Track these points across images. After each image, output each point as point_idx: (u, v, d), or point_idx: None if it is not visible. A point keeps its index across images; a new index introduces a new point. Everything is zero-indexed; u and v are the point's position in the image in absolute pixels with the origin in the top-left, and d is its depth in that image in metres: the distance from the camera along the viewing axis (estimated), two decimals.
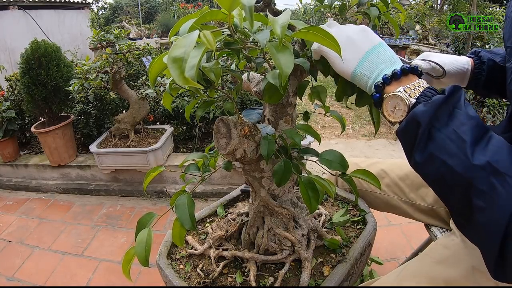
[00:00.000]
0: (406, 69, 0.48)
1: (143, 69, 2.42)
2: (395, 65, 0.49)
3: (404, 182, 0.91)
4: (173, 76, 0.30)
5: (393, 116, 0.47)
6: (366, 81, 0.50)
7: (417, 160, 0.45)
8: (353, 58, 0.50)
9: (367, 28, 0.54)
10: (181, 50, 0.31)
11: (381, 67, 0.49)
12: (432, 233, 0.88)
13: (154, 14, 11.37)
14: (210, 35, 0.34)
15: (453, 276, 0.59)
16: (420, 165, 0.45)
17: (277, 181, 0.57)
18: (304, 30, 0.40)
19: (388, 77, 0.48)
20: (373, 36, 0.52)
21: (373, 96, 0.50)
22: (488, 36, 3.24)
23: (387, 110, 0.48)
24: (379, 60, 0.50)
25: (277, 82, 0.43)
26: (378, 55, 0.50)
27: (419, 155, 0.44)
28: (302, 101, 3.83)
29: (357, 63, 0.50)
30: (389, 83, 0.48)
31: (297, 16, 8.91)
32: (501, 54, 0.73)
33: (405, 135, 0.46)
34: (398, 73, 0.47)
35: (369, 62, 0.50)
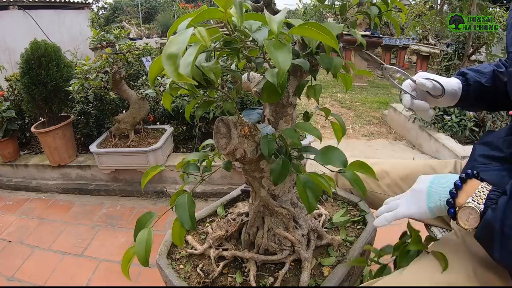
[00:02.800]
0: (464, 178, 0.55)
1: (143, 69, 2.42)
2: (452, 181, 0.57)
3: (405, 182, 0.91)
4: (168, 72, 0.30)
5: (469, 225, 0.53)
6: (440, 205, 0.58)
7: (497, 257, 0.51)
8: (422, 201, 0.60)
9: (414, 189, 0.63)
10: (175, 47, 0.31)
11: (445, 187, 0.57)
12: (432, 233, 0.88)
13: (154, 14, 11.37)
14: (205, 32, 0.34)
15: (454, 276, 0.58)
16: (502, 260, 0.51)
17: (273, 179, 0.56)
18: (301, 26, 0.40)
19: (453, 190, 0.55)
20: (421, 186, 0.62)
21: (449, 212, 0.56)
22: (488, 36, 3.24)
23: (462, 221, 0.54)
24: (439, 187, 0.58)
25: (275, 80, 0.43)
26: (437, 184, 0.59)
27: (497, 252, 0.50)
28: (302, 101, 3.84)
29: (426, 202, 0.59)
30: (456, 195, 0.55)
31: (297, 16, 8.91)
32: (488, 74, 0.77)
33: (483, 238, 0.53)
34: (459, 184, 0.55)
35: (432, 193, 0.58)
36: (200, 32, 0.34)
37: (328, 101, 4.28)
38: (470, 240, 0.66)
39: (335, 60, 0.56)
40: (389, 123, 3.35)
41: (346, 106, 4.04)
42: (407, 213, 0.63)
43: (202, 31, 0.34)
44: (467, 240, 0.67)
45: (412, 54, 6.54)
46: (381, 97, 4.42)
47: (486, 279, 0.58)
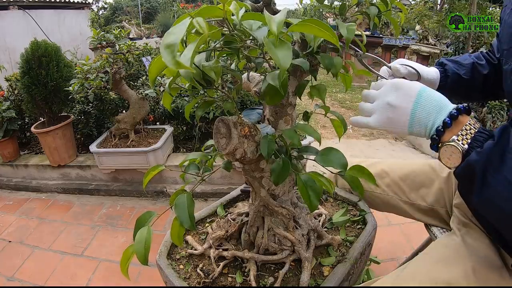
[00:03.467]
0: (455, 114, 0.51)
1: (143, 69, 2.42)
2: (445, 110, 0.53)
3: (405, 182, 0.91)
4: (166, 62, 0.30)
5: (450, 163, 0.52)
6: (423, 135, 0.55)
7: (475, 202, 0.50)
8: (403, 121, 0.55)
9: (399, 82, 0.57)
10: (173, 37, 0.32)
11: (432, 118, 0.53)
12: (432, 233, 0.88)
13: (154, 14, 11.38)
14: (203, 22, 0.34)
15: (454, 276, 0.59)
16: (479, 206, 0.51)
17: (274, 179, 0.56)
18: (301, 22, 0.40)
19: (441, 129, 0.52)
20: (409, 88, 0.55)
21: (431, 147, 0.54)
22: (488, 36, 3.24)
23: (444, 158, 0.52)
24: (427, 112, 0.53)
25: (277, 83, 0.43)
26: (423, 108, 0.54)
27: (476, 198, 0.49)
28: (302, 101, 3.84)
29: (408, 125, 0.54)
30: (443, 133, 0.52)
31: (297, 16, 8.91)
32: (467, 66, 0.79)
33: (462, 179, 0.52)
34: (448, 123, 0.51)
35: (417, 119, 0.54)
36: (198, 22, 0.34)
37: (328, 101, 4.28)
38: (470, 240, 0.67)
39: (336, 60, 0.56)
40: None
41: (346, 106, 4.04)
42: (381, 126, 0.58)
43: (200, 21, 0.34)
44: (467, 239, 0.67)
45: (412, 54, 6.53)
46: None
47: (485, 278, 0.58)
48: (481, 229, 0.68)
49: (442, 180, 0.86)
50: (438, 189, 0.86)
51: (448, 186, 0.85)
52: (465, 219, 0.71)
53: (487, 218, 0.52)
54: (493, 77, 0.77)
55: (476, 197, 0.49)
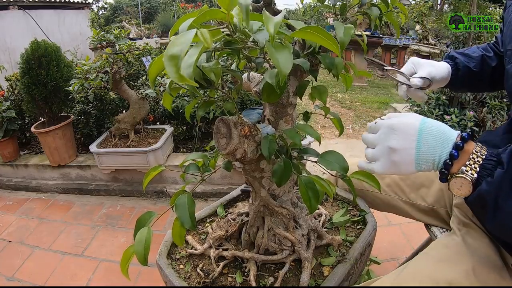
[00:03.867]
0: (461, 145, 0.51)
1: (143, 69, 2.42)
2: (449, 141, 0.52)
3: (405, 182, 0.91)
4: (169, 74, 0.30)
5: (461, 193, 0.52)
6: (431, 170, 0.54)
7: (489, 228, 0.53)
8: (408, 162, 0.54)
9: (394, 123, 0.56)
10: (178, 48, 0.31)
11: (438, 151, 0.52)
12: (432, 233, 0.88)
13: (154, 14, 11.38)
14: (207, 33, 0.34)
15: (454, 276, 0.59)
16: (493, 231, 0.53)
17: (276, 180, 0.57)
18: (303, 29, 0.40)
19: (448, 162, 0.51)
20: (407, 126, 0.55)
21: (441, 180, 0.54)
22: (488, 36, 3.23)
23: (454, 188, 0.52)
24: (431, 148, 0.53)
25: (274, 81, 0.43)
26: (427, 144, 0.53)
27: (490, 223, 0.51)
28: (302, 101, 3.84)
29: (414, 164, 0.54)
30: (451, 166, 0.51)
31: (297, 16, 8.92)
32: (476, 58, 0.80)
33: (475, 207, 0.53)
34: (455, 155, 0.51)
35: (423, 157, 0.53)
36: (202, 34, 0.34)
37: (328, 101, 4.28)
38: (470, 240, 0.66)
39: (336, 60, 0.56)
40: None
41: (346, 106, 4.04)
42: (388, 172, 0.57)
43: (205, 33, 0.34)
44: (467, 239, 0.67)
45: (412, 54, 6.53)
46: (381, 97, 4.43)
47: (486, 278, 0.58)
48: (481, 229, 0.68)
49: None
50: (438, 189, 0.86)
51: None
52: (465, 219, 0.71)
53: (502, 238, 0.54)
54: (501, 69, 0.77)
55: (489, 222, 0.50)
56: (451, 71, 0.78)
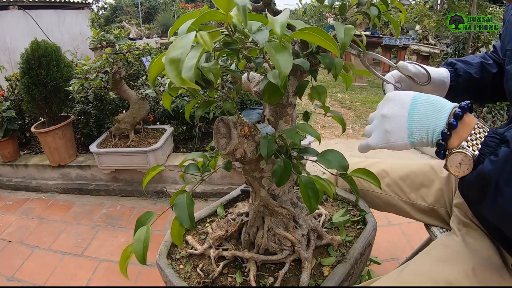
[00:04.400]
0: (460, 114, 0.47)
1: (143, 69, 2.42)
2: (444, 112, 0.49)
3: (405, 182, 0.92)
4: (170, 77, 0.30)
5: (459, 171, 0.47)
6: (427, 142, 0.50)
7: (486, 211, 0.47)
8: (401, 132, 0.51)
9: (392, 93, 0.54)
10: (178, 51, 0.31)
11: (432, 122, 0.49)
12: (432, 233, 0.88)
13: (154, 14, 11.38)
14: (207, 36, 0.34)
15: (454, 276, 0.59)
16: (490, 215, 0.48)
17: (276, 180, 0.57)
18: (302, 30, 0.40)
19: (446, 131, 0.47)
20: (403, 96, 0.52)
21: (438, 154, 0.49)
22: (488, 36, 3.24)
23: (452, 166, 0.48)
24: (425, 117, 0.49)
25: (278, 81, 0.43)
26: (420, 113, 0.50)
27: (488, 208, 0.46)
28: (302, 101, 3.84)
29: (407, 134, 0.50)
30: (449, 137, 0.47)
31: (297, 16, 8.92)
32: (476, 65, 0.78)
33: (473, 188, 0.48)
34: (454, 124, 0.47)
35: (416, 125, 0.50)
36: (202, 37, 0.34)
37: (328, 101, 4.28)
38: (470, 240, 0.67)
39: (336, 60, 0.56)
40: None
41: (346, 106, 4.04)
42: (381, 143, 0.54)
43: (205, 36, 0.34)
44: (467, 239, 0.67)
45: (412, 54, 6.54)
46: (381, 97, 4.42)
47: (485, 278, 0.58)
48: (481, 229, 0.68)
49: (442, 180, 0.86)
50: (438, 189, 0.86)
51: (448, 186, 0.85)
52: (465, 219, 0.71)
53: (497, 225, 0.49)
54: (502, 76, 0.76)
55: (487, 207, 0.46)
56: (451, 77, 0.76)
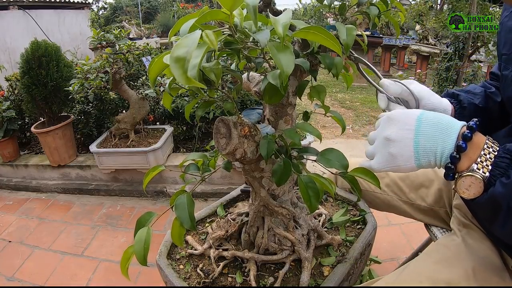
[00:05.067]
0: (469, 135, 0.45)
1: (143, 69, 2.42)
2: (452, 133, 0.46)
3: (404, 182, 0.92)
4: (175, 76, 0.30)
5: (469, 193, 0.46)
6: (435, 165, 0.48)
7: (497, 231, 0.47)
8: (407, 155, 0.49)
9: (394, 113, 0.51)
10: (184, 50, 0.31)
11: (440, 144, 0.47)
12: (432, 233, 0.88)
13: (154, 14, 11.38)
14: (213, 35, 0.34)
15: (454, 277, 0.59)
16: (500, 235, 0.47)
17: (276, 180, 0.57)
18: (304, 29, 0.40)
19: (455, 155, 0.45)
20: (406, 116, 0.50)
21: (447, 177, 0.48)
22: (488, 36, 3.24)
23: (461, 188, 0.46)
24: (432, 139, 0.47)
25: (278, 82, 0.43)
26: (427, 135, 0.48)
27: (500, 229, 0.45)
28: (302, 101, 3.84)
29: (414, 158, 0.48)
30: (458, 160, 0.46)
31: (297, 16, 8.92)
32: (480, 94, 0.73)
33: (484, 210, 0.47)
34: (463, 146, 0.45)
35: (423, 149, 0.48)
36: (208, 36, 0.34)
37: (328, 101, 4.28)
38: (470, 241, 0.67)
39: (336, 60, 0.56)
40: None
41: (346, 106, 4.04)
42: (386, 167, 0.51)
43: (210, 35, 0.34)
44: (467, 240, 0.67)
45: (412, 54, 6.54)
46: None
47: (485, 279, 0.58)
48: (481, 230, 0.68)
49: (442, 181, 0.86)
50: (437, 189, 0.86)
51: (448, 187, 0.85)
52: (465, 220, 0.71)
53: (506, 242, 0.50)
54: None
55: (499, 228, 0.45)
56: (456, 109, 0.71)
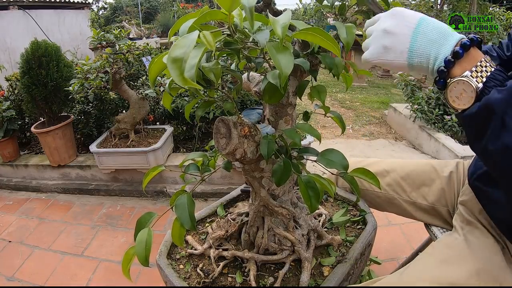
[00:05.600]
0: (467, 44, 0.44)
1: (143, 69, 2.42)
2: (450, 40, 0.45)
3: (406, 181, 0.92)
4: (173, 76, 0.30)
5: (458, 103, 0.45)
6: (427, 68, 0.47)
7: (489, 148, 0.43)
8: (401, 50, 0.47)
9: (398, 9, 0.50)
10: (181, 51, 0.31)
11: (436, 47, 0.46)
12: (432, 233, 0.88)
13: (154, 14, 11.39)
14: (210, 36, 0.34)
15: (457, 277, 0.58)
16: (492, 153, 0.43)
17: (276, 180, 0.57)
18: (304, 31, 0.40)
19: (451, 59, 0.44)
20: (409, 15, 0.48)
21: (437, 82, 0.46)
22: (488, 36, 3.24)
23: (451, 96, 0.45)
24: (430, 41, 0.46)
25: (278, 82, 0.43)
26: (425, 35, 0.46)
27: (492, 144, 0.43)
28: (302, 101, 3.84)
29: (407, 55, 0.47)
30: (453, 65, 0.45)
31: (297, 16, 8.92)
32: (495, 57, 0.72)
33: (474, 121, 0.44)
34: (460, 53, 0.44)
35: (419, 48, 0.46)
36: (205, 36, 0.34)
37: (328, 101, 4.28)
38: (473, 239, 0.66)
39: (337, 60, 0.56)
40: (389, 123, 3.35)
41: (346, 106, 4.04)
42: (377, 58, 0.50)
43: (208, 35, 0.34)
44: (470, 238, 0.67)
45: None
46: (381, 97, 4.42)
47: (489, 278, 0.58)
48: (485, 228, 0.68)
49: (444, 180, 0.86)
50: (439, 188, 0.86)
51: (450, 186, 0.85)
52: (469, 217, 0.71)
53: (496, 166, 0.44)
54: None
55: (491, 143, 0.42)
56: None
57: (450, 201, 0.84)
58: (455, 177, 0.85)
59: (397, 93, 4.53)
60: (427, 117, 2.62)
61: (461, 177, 0.84)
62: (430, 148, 2.52)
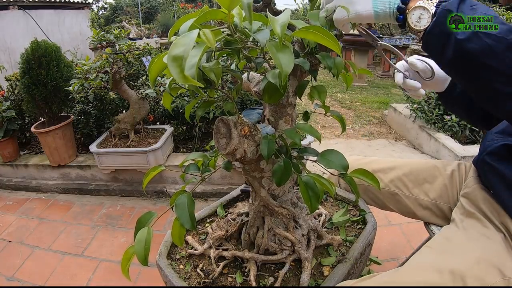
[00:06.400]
0: None
1: (143, 69, 2.42)
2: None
3: (408, 177, 0.92)
4: (173, 75, 0.30)
5: (419, 25, 0.52)
6: (389, 12, 0.54)
7: (459, 38, 0.48)
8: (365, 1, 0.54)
9: None
10: (181, 49, 0.31)
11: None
12: (432, 231, 0.88)
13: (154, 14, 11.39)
14: (210, 34, 0.34)
15: (457, 265, 0.58)
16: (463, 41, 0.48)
17: (276, 180, 0.57)
18: (304, 29, 0.40)
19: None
20: None
21: (398, 18, 0.54)
22: None
23: (412, 22, 0.52)
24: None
25: (277, 81, 0.43)
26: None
27: (461, 35, 0.48)
28: (302, 101, 3.84)
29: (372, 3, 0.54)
30: (408, 1, 0.52)
31: (297, 16, 8.93)
32: None
33: (438, 27, 0.50)
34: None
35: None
36: (205, 34, 0.34)
37: (328, 101, 4.28)
38: (472, 231, 0.67)
39: (336, 60, 0.56)
40: (389, 123, 3.35)
41: (346, 106, 4.04)
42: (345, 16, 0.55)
43: (208, 33, 0.34)
44: (469, 230, 0.67)
45: (412, 54, 6.53)
46: (381, 97, 4.42)
47: (489, 267, 0.58)
48: (487, 217, 0.68)
49: (446, 177, 0.87)
50: (442, 185, 0.87)
51: (452, 183, 0.86)
52: (470, 208, 0.72)
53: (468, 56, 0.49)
54: None
55: (459, 35, 0.48)
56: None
57: (452, 198, 0.85)
58: (457, 175, 0.86)
59: (397, 93, 4.53)
60: (427, 117, 2.62)
61: (462, 176, 0.85)
62: (430, 148, 2.52)
